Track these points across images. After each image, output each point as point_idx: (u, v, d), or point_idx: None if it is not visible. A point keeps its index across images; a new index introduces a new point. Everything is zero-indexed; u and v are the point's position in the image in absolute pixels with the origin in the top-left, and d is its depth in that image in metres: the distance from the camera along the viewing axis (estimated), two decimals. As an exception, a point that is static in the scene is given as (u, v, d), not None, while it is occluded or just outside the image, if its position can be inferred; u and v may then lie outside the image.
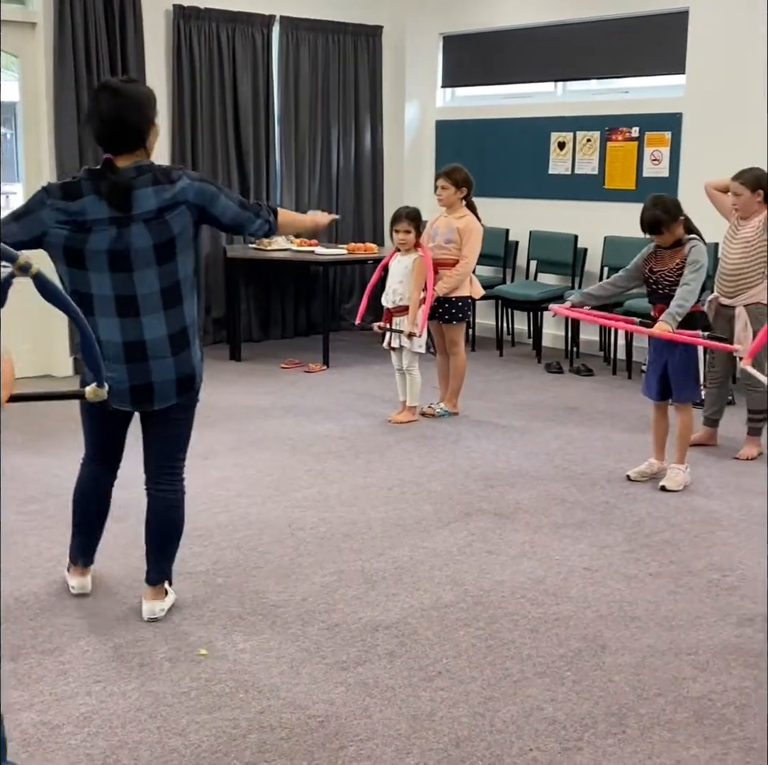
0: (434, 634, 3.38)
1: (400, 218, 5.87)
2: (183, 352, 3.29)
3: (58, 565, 3.87)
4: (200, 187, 3.23)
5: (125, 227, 3.13)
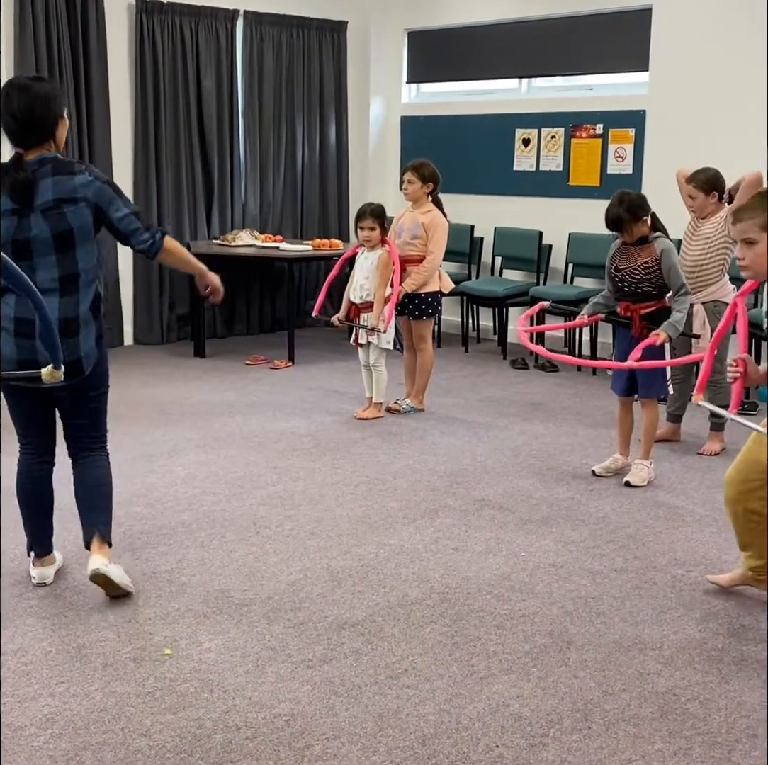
0: (400, 631, 3.38)
1: (364, 215, 5.86)
2: (72, 338, 3.37)
3: (21, 564, 3.83)
4: (101, 188, 3.38)
5: (25, 218, 3.29)
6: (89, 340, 3.44)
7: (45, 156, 3.33)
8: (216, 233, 8.13)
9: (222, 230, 8.14)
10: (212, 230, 8.16)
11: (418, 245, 5.97)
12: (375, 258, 5.86)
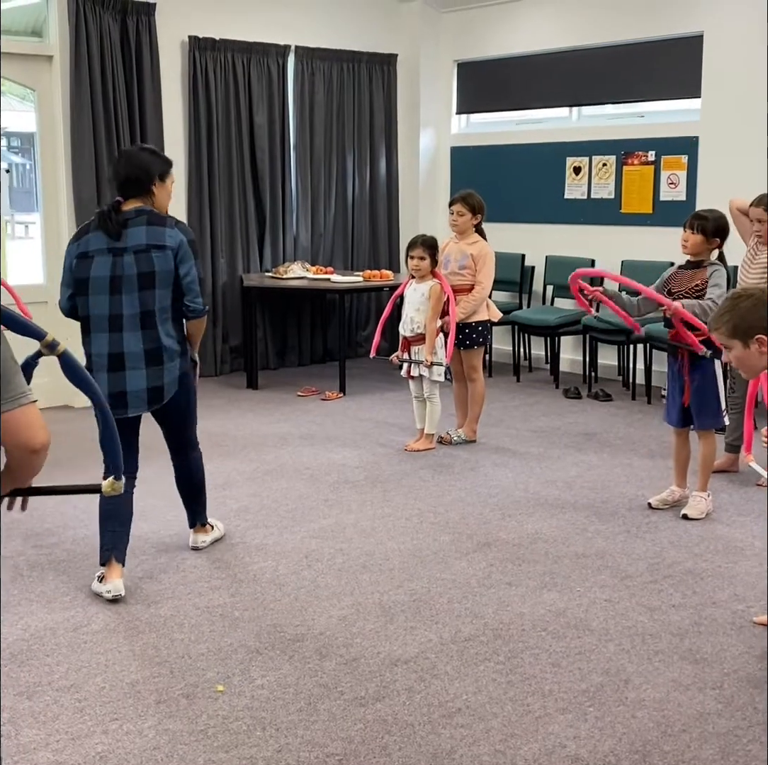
0: (453, 669, 3.34)
1: (415, 244, 5.87)
2: (155, 367, 3.93)
3: (75, 599, 3.85)
4: (182, 243, 3.92)
5: (119, 257, 3.87)
6: (171, 374, 3.96)
7: (143, 208, 3.93)
8: (268, 266, 8.19)
9: (274, 263, 8.20)
10: (264, 263, 8.22)
11: (467, 275, 5.96)
12: (426, 290, 5.86)
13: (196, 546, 4.39)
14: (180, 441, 4.27)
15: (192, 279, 3.93)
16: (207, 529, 4.45)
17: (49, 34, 6.82)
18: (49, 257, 7.05)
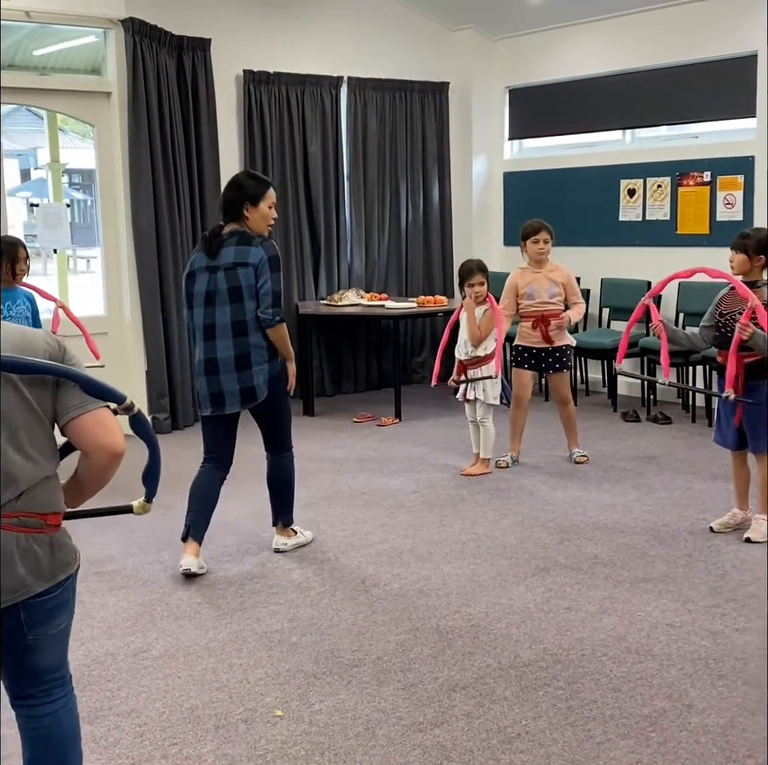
0: (513, 694, 3.31)
1: (472, 272, 5.89)
2: (245, 371, 4.36)
3: (135, 624, 3.89)
4: (263, 259, 4.30)
5: (214, 274, 4.36)
6: (261, 376, 4.38)
7: (236, 229, 4.36)
8: (323, 293, 8.25)
9: (329, 290, 8.26)
10: (319, 291, 8.29)
11: (558, 303, 6.09)
12: (479, 314, 5.90)
13: (278, 548, 4.68)
14: (273, 440, 4.64)
15: (265, 291, 4.28)
16: (289, 533, 4.73)
17: (108, 71, 6.98)
18: (110, 289, 7.18)
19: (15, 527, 2.06)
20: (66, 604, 2.23)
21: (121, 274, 7.12)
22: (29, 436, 2.09)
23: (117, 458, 2.19)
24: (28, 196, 17.89)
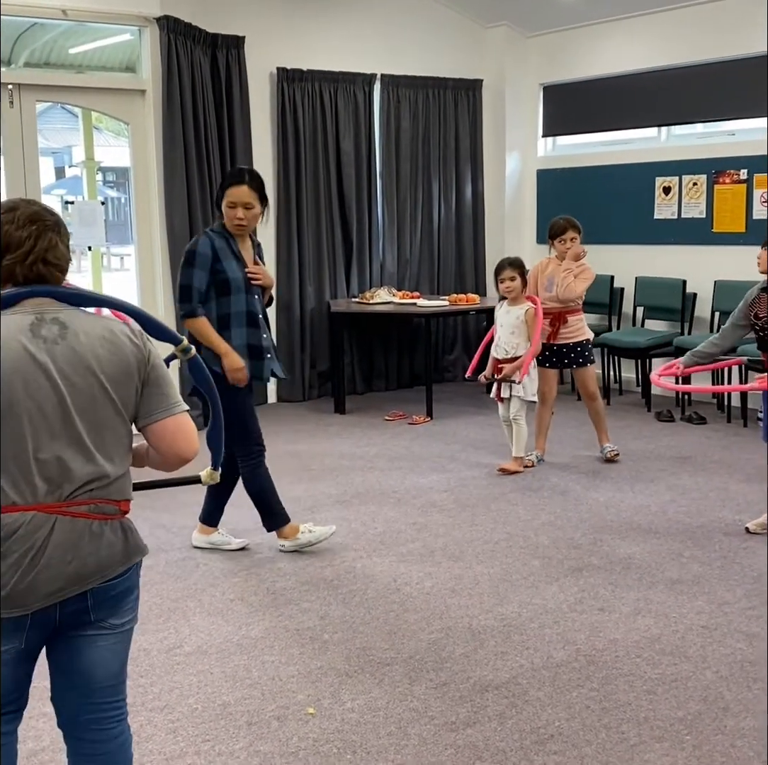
0: (546, 695, 3.28)
1: (504, 267, 5.89)
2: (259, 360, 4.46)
3: (168, 620, 3.90)
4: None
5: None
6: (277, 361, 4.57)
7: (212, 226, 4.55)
8: (355, 291, 8.25)
9: (361, 288, 8.25)
10: (351, 289, 8.28)
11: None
12: (521, 313, 5.85)
13: (279, 548, 4.69)
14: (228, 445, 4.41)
15: (177, 285, 4.37)
16: (285, 533, 4.64)
17: (142, 69, 7.01)
18: (144, 287, 7.21)
19: (90, 514, 2.08)
20: (131, 592, 2.20)
21: (155, 271, 7.15)
22: (114, 437, 2.11)
23: (188, 462, 2.24)
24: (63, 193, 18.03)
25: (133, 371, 2.12)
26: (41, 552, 2.04)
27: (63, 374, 2.05)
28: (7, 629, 2.06)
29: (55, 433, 2.04)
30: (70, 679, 2.18)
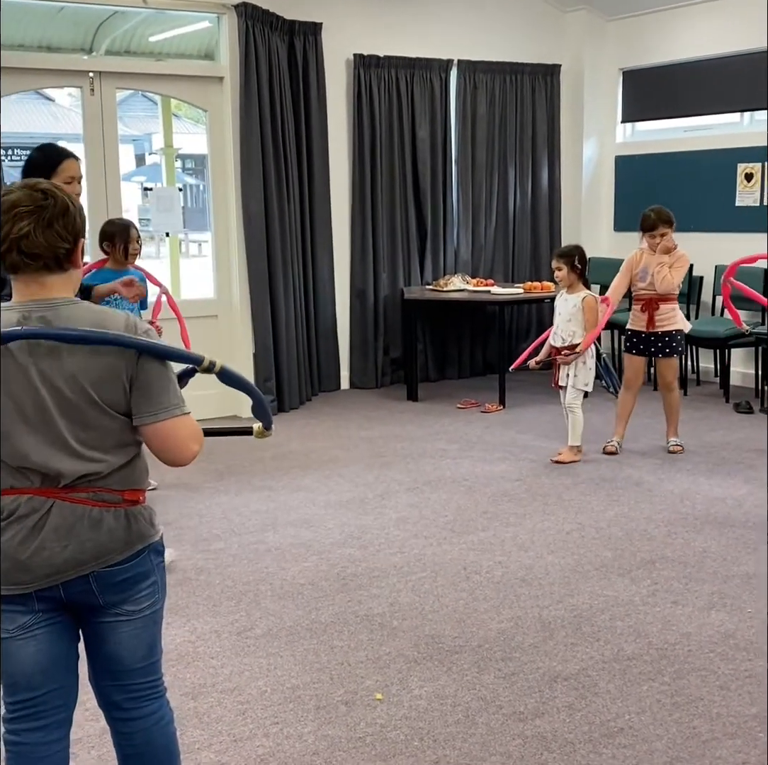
0: (616, 687, 3.25)
1: (553, 257, 5.98)
2: None
3: (239, 603, 3.95)
4: None
5: None
6: None
7: None
8: (429, 279, 8.23)
9: (434, 276, 8.23)
10: (425, 276, 8.26)
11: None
12: (577, 301, 5.81)
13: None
14: None
15: None
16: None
17: (221, 56, 7.06)
18: (220, 273, 7.28)
19: (89, 501, 2.07)
20: (144, 578, 2.16)
21: (231, 257, 7.21)
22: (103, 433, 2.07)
23: (182, 466, 2.17)
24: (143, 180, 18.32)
25: (120, 372, 2.03)
26: (35, 533, 2.04)
27: (44, 376, 2.00)
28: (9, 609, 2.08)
29: (38, 433, 2.02)
30: (100, 664, 2.20)
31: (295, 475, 5.68)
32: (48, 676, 2.13)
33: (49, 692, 2.14)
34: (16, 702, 2.14)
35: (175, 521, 4.90)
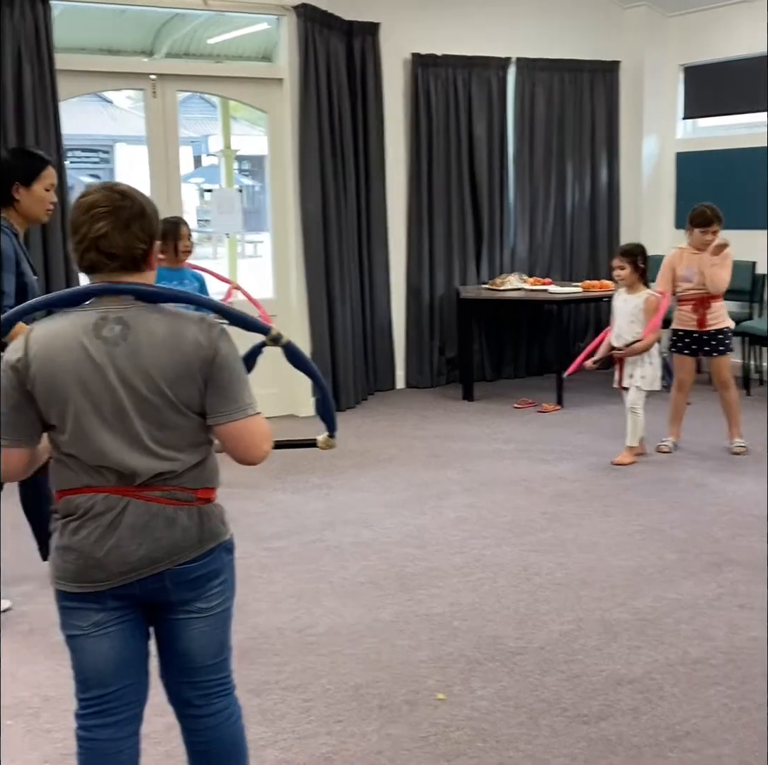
0: (681, 691, 3.21)
1: (615, 254, 5.91)
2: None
3: (301, 600, 3.97)
4: None
5: None
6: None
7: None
8: (485, 278, 8.20)
9: (491, 275, 8.19)
10: (481, 275, 8.23)
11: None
12: (639, 302, 5.75)
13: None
14: None
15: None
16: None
17: (280, 57, 7.09)
18: (278, 273, 7.32)
19: (163, 499, 2.09)
20: (215, 576, 2.18)
21: (289, 258, 7.24)
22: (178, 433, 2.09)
23: (254, 465, 2.21)
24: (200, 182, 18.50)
25: (195, 372, 2.06)
26: (111, 531, 2.07)
27: (121, 376, 2.03)
28: (84, 606, 2.11)
29: (115, 433, 2.04)
30: (171, 661, 2.22)
31: (353, 475, 5.69)
32: (120, 673, 2.16)
33: (122, 689, 2.16)
34: (88, 698, 2.17)
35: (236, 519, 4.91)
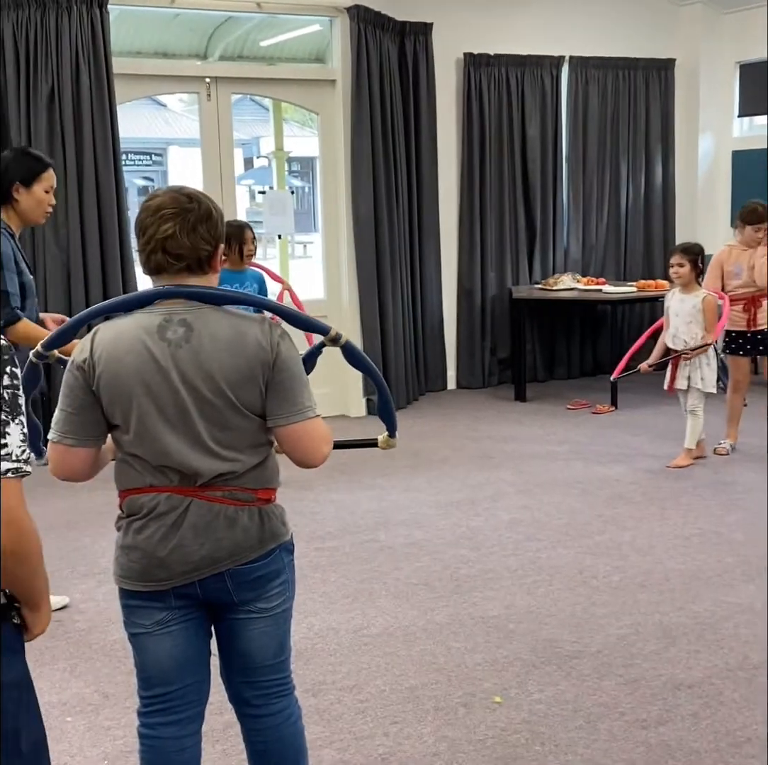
0: (742, 696, 3.16)
1: (674, 252, 5.78)
2: None
3: (355, 601, 3.97)
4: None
5: None
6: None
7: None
8: (537, 277, 8.15)
9: (543, 274, 8.15)
10: (534, 275, 8.19)
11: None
12: (696, 301, 5.63)
13: None
14: None
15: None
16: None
17: (332, 59, 7.11)
18: (329, 274, 7.34)
19: (225, 500, 2.10)
20: (276, 576, 2.18)
21: (340, 258, 7.26)
22: (239, 434, 2.10)
23: (313, 467, 2.21)
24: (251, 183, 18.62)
25: (257, 374, 2.07)
26: (174, 531, 2.08)
27: (184, 378, 2.04)
28: (147, 605, 2.13)
29: (178, 433, 2.06)
30: (231, 660, 2.23)
31: (405, 475, 5.68)
32: (183, 672, 2.17)
33: (184, 687, 2.18)
34: (151, 696, 2.18)
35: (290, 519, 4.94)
